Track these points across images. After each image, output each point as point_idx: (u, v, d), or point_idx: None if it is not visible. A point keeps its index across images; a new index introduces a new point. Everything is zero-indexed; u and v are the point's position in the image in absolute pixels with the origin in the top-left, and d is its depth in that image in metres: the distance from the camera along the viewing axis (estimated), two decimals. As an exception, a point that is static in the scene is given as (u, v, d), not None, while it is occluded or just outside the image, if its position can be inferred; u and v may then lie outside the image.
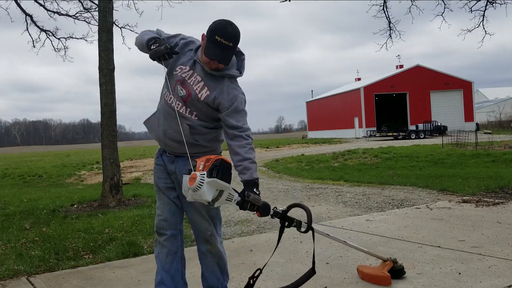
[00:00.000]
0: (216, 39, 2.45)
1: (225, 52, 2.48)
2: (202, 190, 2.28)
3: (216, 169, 2.31)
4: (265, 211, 2.53)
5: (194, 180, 2.29)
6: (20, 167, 24.30)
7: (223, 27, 2.47)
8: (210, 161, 2.34)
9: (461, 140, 20.14)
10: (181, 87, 2.64)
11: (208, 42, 2.49)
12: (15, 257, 4.55)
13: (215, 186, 2.32)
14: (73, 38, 13.08)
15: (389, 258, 3.38)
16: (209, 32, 2.49)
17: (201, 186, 2.28)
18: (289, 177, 12.56)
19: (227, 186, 2.35)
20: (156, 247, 2.86)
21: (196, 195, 2.31)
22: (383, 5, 11.73)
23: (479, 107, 58.04)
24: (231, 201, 2.43)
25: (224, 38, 2.45)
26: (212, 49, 2.47)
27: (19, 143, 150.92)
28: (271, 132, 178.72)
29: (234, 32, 2.49)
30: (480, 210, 5.93)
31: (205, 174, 2.30)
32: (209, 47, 2.48)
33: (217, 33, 2.45)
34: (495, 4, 10.76)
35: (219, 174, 2.32)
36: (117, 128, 8.65)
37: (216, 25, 2.49)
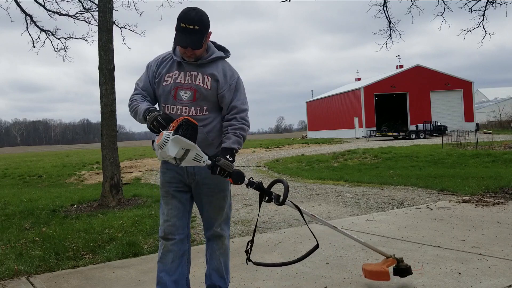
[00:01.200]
0: (181, 26, 2.54)
1: (193, 36, 2.55)
2: (166, 147, 2.39)
3: (182, 128, 2.41)
4: (239, 178, 2.58)
5: (160, 138, 2.42)
6: (20, 167, 24.30)
7: (186, 13, 2.56)
8: (177, 122, 2.44)
9: (461, 140, 20.15)
10: (183, 91, 2.65)
11: (176, 31, 2.59)
12: (15, 257, 4.55)
13: (180, 144, 2.41)
14: (73, 38, 13.09)
15: (392, 256, 3.30)
16: (177, 22, 2.58)
17: (166, 143, 2.39)
18: (289, 177, 12.56)
19: (191, 144, 2.44)
20: (161, 251, 2.81)
21: (162, 152, 2.42)
22: (383, 5, 11.73)
23: (479, 107, 58.03)
24: (199, 162, 2.50)
25: (188, 23, 2.53)
26: (180, 36, 2.57)
27: (19, 143, 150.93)
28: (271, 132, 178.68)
29: (198, 15, 2.57)
30: (480, 210, 5.93)
31: (171, 133, 2.41)
32: (178, 35, 2.58)
33: (181, 21, 2.55)
34: (495, 4, 10.76)
35: (183, 131, 2.41)
36: (117, 128, 8.65)
37: (180, 13, 2.58)
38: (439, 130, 37.07)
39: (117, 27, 10.90)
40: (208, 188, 2.78)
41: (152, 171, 17.46)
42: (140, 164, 21.66)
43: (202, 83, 2.65)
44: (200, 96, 2.65)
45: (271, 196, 2.76)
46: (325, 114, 54.61)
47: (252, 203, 7.68)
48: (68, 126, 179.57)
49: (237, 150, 2.65)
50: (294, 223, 5.84)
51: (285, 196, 2.70)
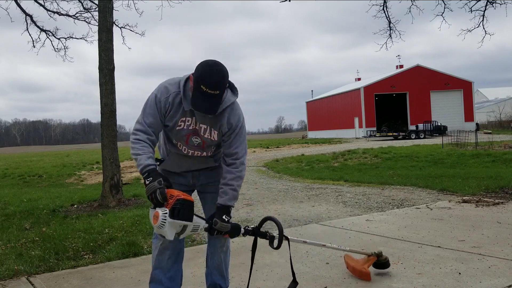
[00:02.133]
0: (201, 89, 2.38)
1: (212, 101, 2.42)
2: (164, 230, 2.40)
3: (177, 210, 2.39)
4: (235, 233, 2.66)
5: (157, 219, 2.39)
6: (20, 167, 24.30)
7: (208, 75, 2.38)
8: (173, 199, 2.41)
9: (461, 140, 20.15)
10: (195, 137, 2.68)
11: (195, 91, 2.43)
12: (15, 257, 4.55)
13: (177, 225, 2.43)
14: (73, 38, 13.07)
15: (373, 253, 3.49)
16: (195, 80, 2.42)
17: (163, 225, 2.39)
18: (289, 177, 12.56)
19: (189, 223, 2.46)
20: (157, 248, 2.85)
21: (160, 231, 2.43)
22: (383, 5, 11.72)
23: (479, 107, 58.04)
24: (197, 230, 2.54)
25: (210, 88, 2.38)
26: (198, 101, 2.42)
27: (19, 143, 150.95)
28: (271, 132, 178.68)
29: (220, 77, 2.41)
30: (480, 210, 5.93)
31: (167, 213, 2.39)
32: (195, 97, 2.42)
33: (202, 83, 2.38)
34: (495, 4, 10.75)
35: (180, 214, 2.40)
36: (117, 128, 8.65)
37: (200, 72, 2.41)
38: (439, 130, 37.08)
39: (117, 27, 10.89)
40: (212, 187, 2.89)
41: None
42: (140, 164, 21.61)
43: (210, 136, 2.68)
44: (207, 145, 2.74)
45: (266, 238, 2.85)
46: (325, 114, 54.62)
47: (252, 203, 7.68)
48: (68, 126, 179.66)
49: (233, 206, 2.71)
50: (294, 223, 5.84)
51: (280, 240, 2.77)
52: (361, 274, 3.41)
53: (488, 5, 10.80)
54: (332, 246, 3.43)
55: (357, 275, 3.45)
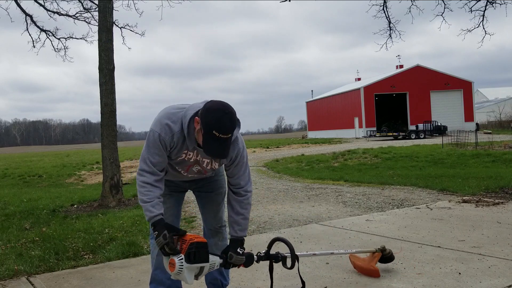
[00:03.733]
0: (214, 135, 2.32)
1: (224, 145, 2.38)
2: (183, 275, 2.41)
3: (193, 254, 2.41)
4: (249, 262, 2.72)
5: (173, 266, 2.40)
6: (20, 167, 24.30)
7: (219, 120, 2.32)
8: (186, 244, 2.42)
9: (461, 140, 20.15)
10: (196, 166, 2.68)
11: (206, 135, 2.35)
12: (15, 257, 4.55)
13: (194, 269, 2.44)
14: (73, 38, 13.08)
15: (377, 249, 3.55)
16: (205, 125, 2.33)
17: (180, 271, 2.40)
18: (289, 177, 12.56)
19: (205, 264, 2.48)
20: (156, 248, 2.83)
21: (178, 277, 2.44)
22: (383, 5, 11.72)
23: (479, 107, 58.03)
24: (214, 267, 2.57)
25: (223, 133, 2.33)
26: (211, 147, 2.36)
27: (19, 143, 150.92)
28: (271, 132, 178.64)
29: (232, 121, 2.36)
30: (480, 210, 5.93)
31: (182, 259, 2.39)
32: (207, 143, 2.35)
33: (214, 128, 2.31)
34: (495, 4, 10.75)
35: (196, 258, 2.41)
36: (117, 128, 8.66)
37: (211, 118, 2.33)
38: (439, 130, 37.06)
39: (117, 27, 10.90)
40: (208, 187, 2.92)
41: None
42: (140, 164, 21.62)
43: (211, 166, 2.70)
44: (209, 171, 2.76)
45: (279, 260, 2.91)
46: (325, 114, 54.60)
47: (252, 203, 7.67)
48: (68, 126, 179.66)
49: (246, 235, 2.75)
50: (294, 223, 5.84)
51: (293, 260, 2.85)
52: (370, 272, 3.48)
53: (488, 5, 10.80)
54: (339, 252, 3.49)
55: (366, 274, 3.50)
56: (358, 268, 3.59)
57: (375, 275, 3.46)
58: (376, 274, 3.46)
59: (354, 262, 3.63)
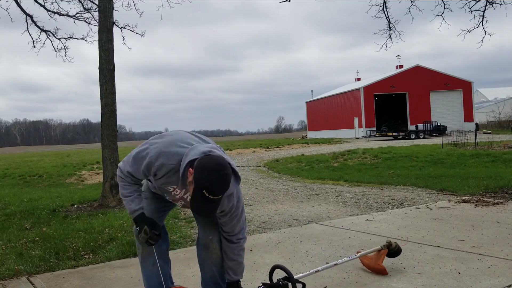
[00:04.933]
0: (203, 194, 2.26)
1: (212, 205, 2.31)
2: None
3: None
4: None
5: None
6: (20, 167, 24.29)
7: (212, 182, 2.26)
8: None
9: (461, 140, 20.15)
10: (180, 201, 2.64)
11: (194, 193, 2.29)
12: (15, 257, 4.55)
13: None
14: (73, 38, 13.05)
15: (383, 246, 3.59)
16: (197, 184, 2.27)
17: None
18: (289, 177, 12.57)
19: None
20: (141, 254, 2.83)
21: None
22: (382, 5, 11.72)
23: (478, 107, 58.03)
24: None
25: (211, 194, 2.27)
26: (198, 205, 2.30)
27: (19, 143, 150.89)
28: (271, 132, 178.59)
29: (225, 185, 2.31)
30: (479, 210, 5.94)
31: None
32: (196, 199, 2.29)
33: (205, 188, 2.25)
34: (494, 4, 10.76)
35: None
36: (117, 128, 8.66)
37: (204, 177, 2.25)
38: (438, 130, 37.07)
39: (117, 27, 10.88)
40: None
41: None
42: (140, 164, 21.61)
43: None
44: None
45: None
46: (325, 114, 54.62)
47: (252, 203, 7.69)
48: (68, 126, 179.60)
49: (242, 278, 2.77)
50: (294, 223, 5.84)
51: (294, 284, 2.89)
52: (378, 271, 3.52)
53: (487, 5, 10.81)
54: (343, 261, 3.48)
55: (374, 271, 3.55)
56: (366, 265, 3.64)
57: (382, 273, 3.49)
58: (384, 272, 3.49)
59: (362, 260, 3.67)
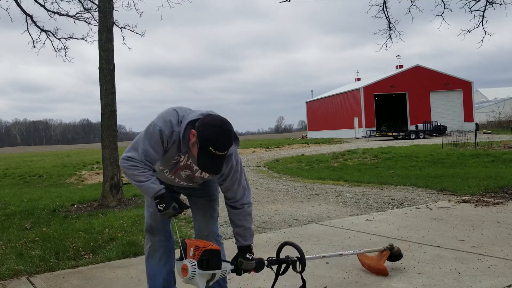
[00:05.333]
0: (210, 151, 2.29)
1: (218, 161, 2.35)
2: (195, 281, 2.40)
3: (206, 261, 2.40)
4: (260, 267, 2.72)
5: (186, 271, 2.40)
6: (20, 167, 24.29)
7: (218, 138, 2.29)
8: (199, 250, 2.41)
9: (461, 140, 20.15)
10: (185, 171, 2.63)
11: (201, 151, 2.32)
12: (15, 257, 4.55)
13: (206, 276, 2.43)
14: (73, 38, 13.06)
15: (386, 248, 3.57)
16: (202, 140, 2.30)
17: (193, 277, 2.39)
18: (289, 177, 12.57)
19: (217, 271, 2.47)
20: (148, 249, 2.85)
21: (191, 282, 2.43)
22: (383, 5, 11.72)
23: (478, 107, 58.02)
24: (226, 273, 2.58)
25: (219, 150, 2.30)
26: (205, 162, 2.33)
27: (19, 143, 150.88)
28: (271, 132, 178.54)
29: (228, 139, 2.34)
30: (479, 210, 5.94)
31: (195, 265, 2.39)
32: (202, 157, 2.33)
33: (211, 145, 2.28)
34: (494, 4, 10.76)
35: (209, 265, 2.41)
36: (117, 128, 8.66)
37: (208, 134, 2.29)
38: (438, 130, 37.05)
39: (117, 27, 10.89)
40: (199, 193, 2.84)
41: (152, 171, 17.44)
42: (140, 164, 21.61)
43: (200, 174, 2.64)
44: (197, 179, 2.69)
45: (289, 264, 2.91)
46: (325, 114, 54.61)
47: (252, 202, 7.68)
48: (68, 126, 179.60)
49: (253, 243, 2.72)
50: (294, 223, 5.84)
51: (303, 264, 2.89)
52: (379, 271, 3.50)
53: (487, 5, 10.81)
54: (348, 253, 3.50)
55: (375, 272, 3.53)
56: (367, 266, 3.62)
57: (383, 273, 3.47)
58: (385, 272, 3.48)
59: (363, 260, 3.65)
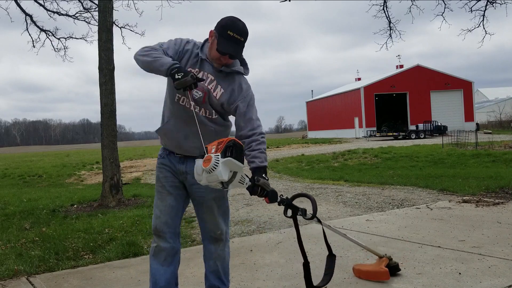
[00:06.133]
0: (228, 34, 2.52)
1: (237, 46, 2.56)
2: (217, 171, 2.29)
3: (230, 149, 2.34)
4: (274, 197, 2.62)
5: (209, 161, 2.30)
6: (20, 167, 24.29)
7: (235, 23, 2.56)
8: (222, 143, 2.36)
9: (461, 140, 20.14)
10: (196, 90, 2.62)
11: (220, 37, 2.55)
12: (15, 257, 4.55)
13: (230, 167, 2.33)
14: (73, 38, 13.09)
15: (385, 255, 3.47)
16: (221, 27, 2.56)
17: (216, 166, 2.28)
18: (289, 177, 12.56)
19: (240, 166, 2.38)
20: (154, 249, 2.82)
21: (211, 176, 2.31)
22: (383, 5, 11.72)
23: (479, 107, 58.01)
24: (243, 184, 2.47)
25: (236, 33, 2.53)
26: (226, 44, 2.54)
27: (19, 143, 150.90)
28: (271, 132, 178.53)
29: (245, 27, 2.58)
30: (480, 210, 5.93)
31: (219, 155, 2.32)
32: (222, 42, 2.54)
33: (229, 29, 2.53)
34: (495, 4, 10.75)
35: (233, 154, 2.34)
36: (117, 128, 8.65)
37: (227, 21, 2.57)
38: (439, 130, 37.05)
39: (117, 27, 10.90)
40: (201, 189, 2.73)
41: (152, 171, 17.46)
42: (140, 164, 21.66)
43: (213, 91, 2.64)
44: (208, 101, 2.66)
45: (298, 211, 2.87)
46: (325, 114, 54.60)
47: (252, 203, 7.68)
48: (68, 126, 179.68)
49: (267, 167, 2.68)
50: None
51: (315, 211, 2.85)
52: (380, 274, 3.34)
53: (488, 5, 10.81)
54: (351, 239, 3.43)
55: (375, 277, 3.36)
56: (364, 274, 3.43)
57: (385, 277, 3.32)
58: (386, 276, 3.32)
59: (360, 269, 3.48)
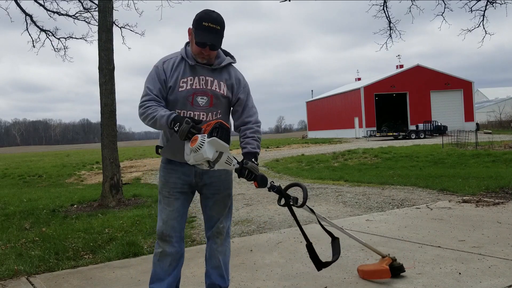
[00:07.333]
0: (204, 25, 2.56)
1: (215, 35, 2.58)
2: (203, 149, 2.41)
3: (216, 130, 2.45)
4: (263, 182, 2.67)
5: (195, 141, 2.42)
6: (20, 167, 24.29)
7: (208, 14, 2.59)
8: (210, 125, 2.47)
9: (461, 140, 20.14)
10: (200, 97, 2.67)
11: (197, 30, 2.58)
12: (15, 257, 4.55)
13: (215, 146, 2.45)
14: (73, 38, 13.10)
15: (388, 255, 3.45)
16: (195, 21, 2.60)
17: (202, 145, 2.41)
18: (289, 177, 12.56)
19: (226, 146, 2.48)
20: (157, 254, 2.81)
21: (197, 155, 2.43)
22: (383, 5, 11.72)
23: (479, 107, 58.00)
24: (230, 165, 2.55)
25: (212, 22, 2.56)
26: (203, 35, 2.57)
27: (19, 143, 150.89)
28: (271, 132, 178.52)
29: (219, 16, 2.61)
30: (480, 210, 5.92)
31: (206, 136, 2.43)
32: (199, 34, 2.57)
33: (203, 20, 2.57)
34: (495, 4, 10.75)
35: (218, 134, 2.45)
36: (117, 128, 8.65)
37: (200, 13, 2.61)
38: (439, 130, 37.07)
39: (117, 27, 10.90)
40: (214, 187, 2.83)
41: (152, 171, 17.46)
42: (140, 164, 21.66)
43: (219, 89, 2.69)
44: (217, 101, 2.71)
45: (289, 200, 2.88)
46: (325, 114, 54.60)
47: (252, 203, 7.68)
48: (68, 126, 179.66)
49: (259, 153, 2.74)
50: (294, 223, 5.83)
51: (305, 198, 2.86)
52: (382, 273, 3.36)
53: (488, 5, 10.81)
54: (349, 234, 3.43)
55: (376, 276, 3.38)
56: (367, 273, 3.43)
57: (386, 275, 3.34)
58: (387, 274, 3.34)
59: (364, 270, 3.47)
